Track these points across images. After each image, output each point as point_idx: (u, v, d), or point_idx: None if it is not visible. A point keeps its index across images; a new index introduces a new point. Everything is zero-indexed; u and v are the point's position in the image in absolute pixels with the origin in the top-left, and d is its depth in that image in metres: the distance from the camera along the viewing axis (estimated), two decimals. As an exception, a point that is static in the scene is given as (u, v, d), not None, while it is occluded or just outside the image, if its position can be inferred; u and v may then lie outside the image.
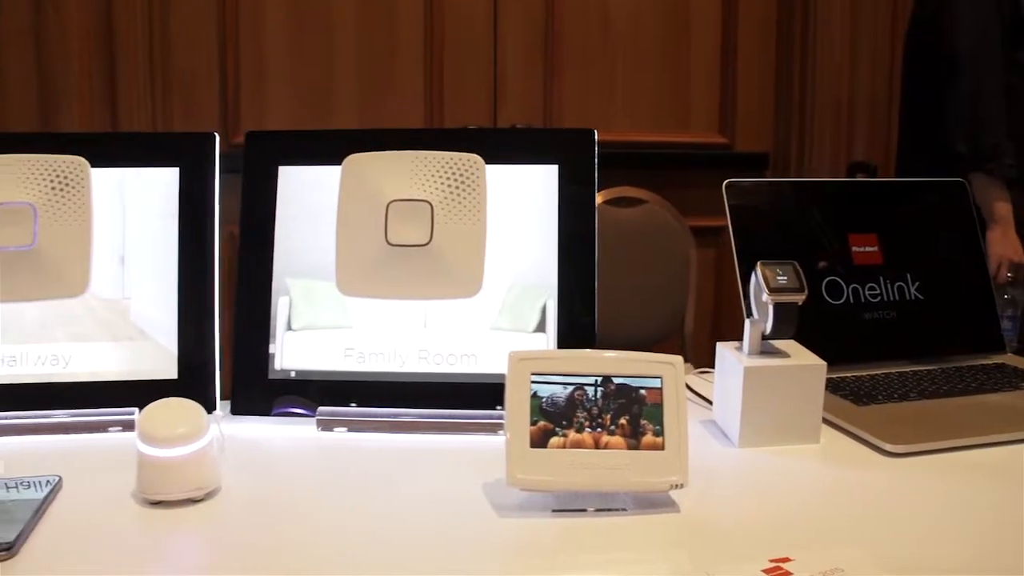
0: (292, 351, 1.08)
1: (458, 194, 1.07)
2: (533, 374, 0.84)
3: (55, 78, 2.35)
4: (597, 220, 1.08)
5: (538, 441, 0.83)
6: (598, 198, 1.09)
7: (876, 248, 1.29)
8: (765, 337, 1.02)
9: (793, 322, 1.00)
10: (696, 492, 0.86)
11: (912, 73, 2.03)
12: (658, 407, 0.85)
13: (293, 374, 1.08)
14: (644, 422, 0.84)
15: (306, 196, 1.11)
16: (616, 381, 0.85)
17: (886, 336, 1.26)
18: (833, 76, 2.54)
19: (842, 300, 1.26)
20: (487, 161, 1.08)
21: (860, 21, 2.52)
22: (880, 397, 1.12)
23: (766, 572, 0.73)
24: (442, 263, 1.06)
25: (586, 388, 0.85)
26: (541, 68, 2.52)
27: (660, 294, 2.21)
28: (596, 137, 1.10)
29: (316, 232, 1.09)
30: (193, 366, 1.08)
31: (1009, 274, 1.74)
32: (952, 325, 1.31)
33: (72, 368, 1.08)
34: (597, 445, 0.84)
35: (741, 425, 1.00)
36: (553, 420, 0.84)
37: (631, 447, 0.84)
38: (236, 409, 1.08)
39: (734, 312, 2.52)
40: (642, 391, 0.85)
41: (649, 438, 0.84)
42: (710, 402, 1.12)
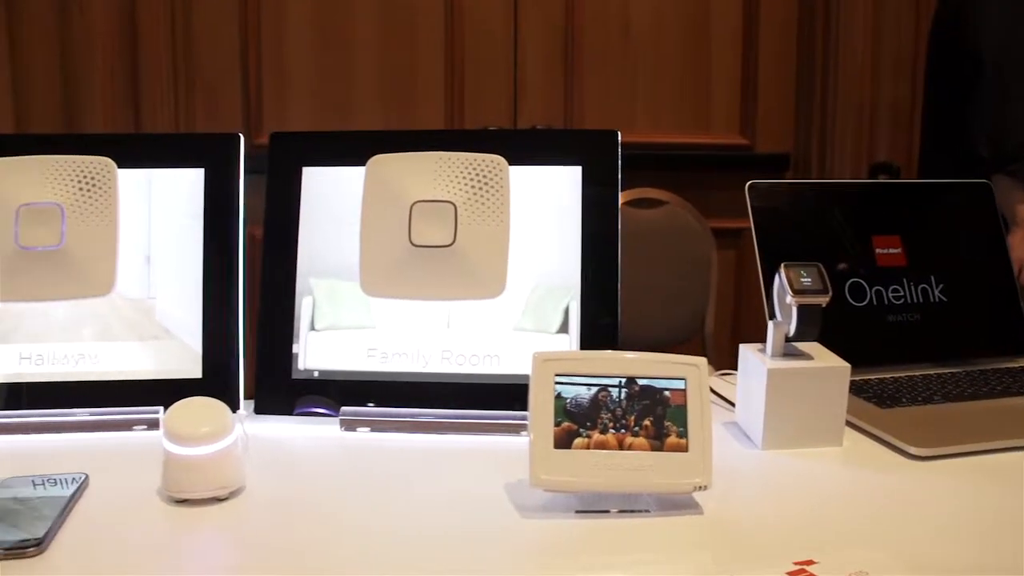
0: (315, 351, 1.09)
1: (482, 195, 1.07)
2: (557, 375, 0.84)
3: (79, 78, 2.37)
4: (620, 221, 1.08)
5: (562, 442, 0.83)
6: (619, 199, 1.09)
7: (900, 250, 1.29)
8: (788, 339, 1.02)
9: (817, 324, 1.00)
10: (719, 494, 0.86)
11: (935, 73, 2.01)
12: (682, 409, 0.85)
13: (316, 374, 1.09)
14: (668, 423, 0.84)
15: (330, 197, 1.11)
16: (640, 382, 0.85)
17: (910, 338, 1.26)
18: (855, 76, 2.53)
19: (865, 302, 1.25)
20: (510, 162, 1.08)
21: (883, 20, 2.50)
22: (904, 400, 1.12)
23: (790, 575, 0.73)
24: (465, 264, 1.06)
25: (610, 389, 0.85)
26: (561, 69, 2.52)
27: (680, 295, 2.20)
28: (619, 138, 1.10)
29: (339, 233, 1.10)
30: (217, 365, 1.09)
31: None
32: (977, 327, 1.31)
33: (98, 367, 1.08)
34: (621, 446, 0.84)
35: (764, 427, 1.00)
36: (577, 421, 0.84)
37: (655, 448, 0.84)
38: (260, 408, 1.09)
39: (754, 314, 2.52)
40: (666, 392, 0.85)
41: (673, 439, 0.84)
42: (732, 404, 1.12)
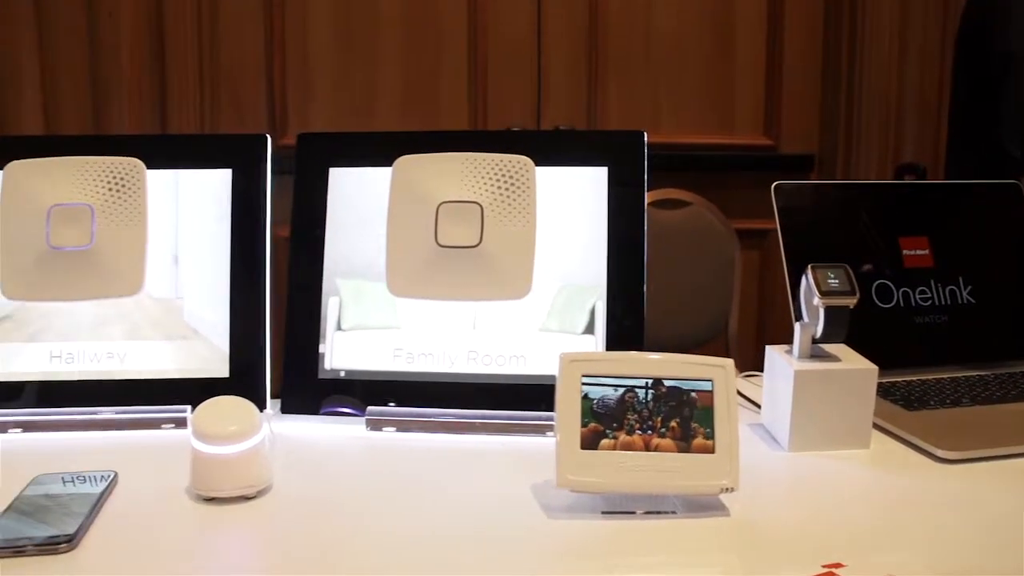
0: (342, 351, 1.09)
1: (508, 196, 1.07)
2: (584, 376, 0.84)
3: (107, 80, 2.39)
4: (647, 222, 1.08)
5: (588, 443, 0.83)
6: (643, 200, 1.09)
7: (927, 251, 1.28)
8: (815, 341, 1.01)
9: (844, 326, 0.99)
10: (746, 496, 0.86)
11: (963, 72, 2.00)
12: (709, 410, 0.85)
13: (343, 374, 1.09)
14: (695, 425, 0.84)
15: (356, 197, 1.12)
16: (667, 383, 0.85)
17: (937, 340, 1.25)
18: (881, 76, 2.51)
19: (892, 304, 1.24)
20: (537, 163, 1.08)
21: (909, 19, 2.48)
22: (932, 402, 1.11)
23: (819, 577, 0.73)
24: (492, 264, 1.07)
25: (637, 390, 0.84)
26: (585, 71, 2.52)
27: (704, 296, 2.20)
28: (646, 139, 1.10)
29: (366, 233, 1.10)
30: (244, 365, 1.09)
31: None
32: (1005, 329, 1.29)
33: (126, 366, 1.09)
34: (647, 447, 0.84)
35: (791, 429, 1.00)
36: (603, 422, 0.84)
37: (681, 450, 0.84)
38: (286, 408, 1.09)
39: (778, 315, 2.51)
40: (693, 394, 0.85)
41: (700, 441, 0.84)
42: (757, 405, 1.11)
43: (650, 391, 0.85)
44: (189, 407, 1.05)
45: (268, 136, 1.14)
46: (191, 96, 2.42)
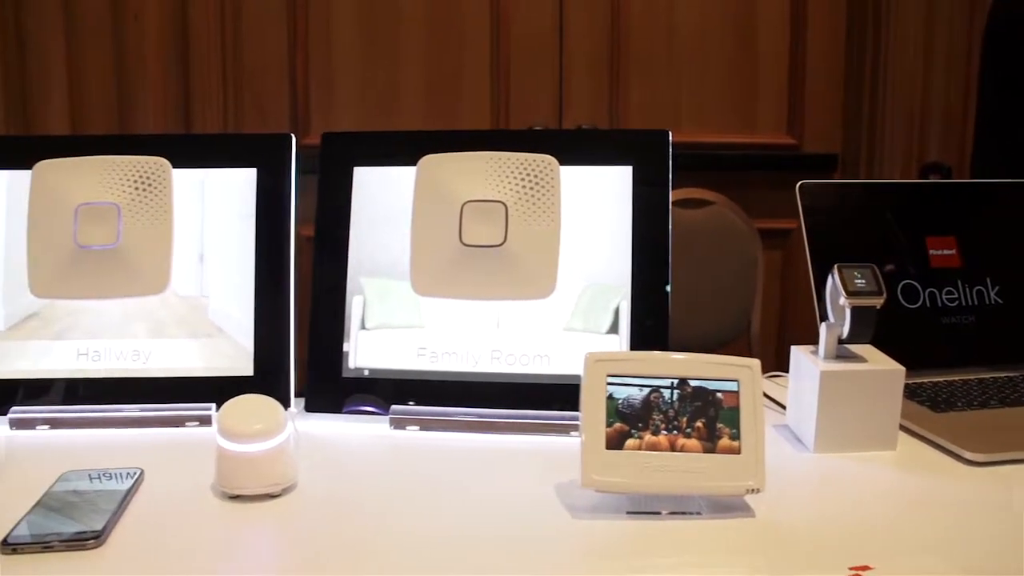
0: (366, 350, 1.10)
1: (532, 195, 1.07)
2: (609, 375, 0.84)
3: (132, 80, 2.40)
4: (672, 222, 1.08)
5: (614, 443, 0.83)
6: (666, 199, 1.09)
7: (954, 251, 1.26)
8: (842, 341, 1.01)
9: (871, 326, 0.99)
10: (771, 497, 0.85)
11: (990, 70, 1.98)
12: (735, 411, 0.84)
13: (366, 372, 1.09)
14: (720, 425, 0.84)
15: (381, 196, 1.12)
16: (692, 384, 0.84)
17: (964, 341, 1.24)
18: (906, 74, 2.49)
19: (918, 304, 1.23)
20: (561, 162, 1.08)
21: (936, 17, 2.46)
22: (959, 404, 1.10)
23: (846, 580, 0.72)
24: (516, 264, 1.07)
25: (662, 390, 0.84)
26: (607, 70, 2.51)
27: (726, 296, 2.19)
28: (671, 138, 1.09)
29: (390, 232, 1.11)
30: (269, 363, 1.10)
31: None
32: (1033, 331, 1.28)
33: (151, 364, 1.10)
34: (673, 448, 0.83)
35: (816, 430, 0.99)
36: (629, 422, 0.84)
37: (707, 450, 0.84)
38: (310, 406, 1.10)
39: (800, 315, 2.49)
40: (719, 394, 0.84)
41: (725, 442, 0.84)
42: (781, 406, 1.11)
43: (675, 391, 0.84)
44: (214, 405, 1.06)
45: (292, 136, 1.14)
46: (215, 97, 2.43)
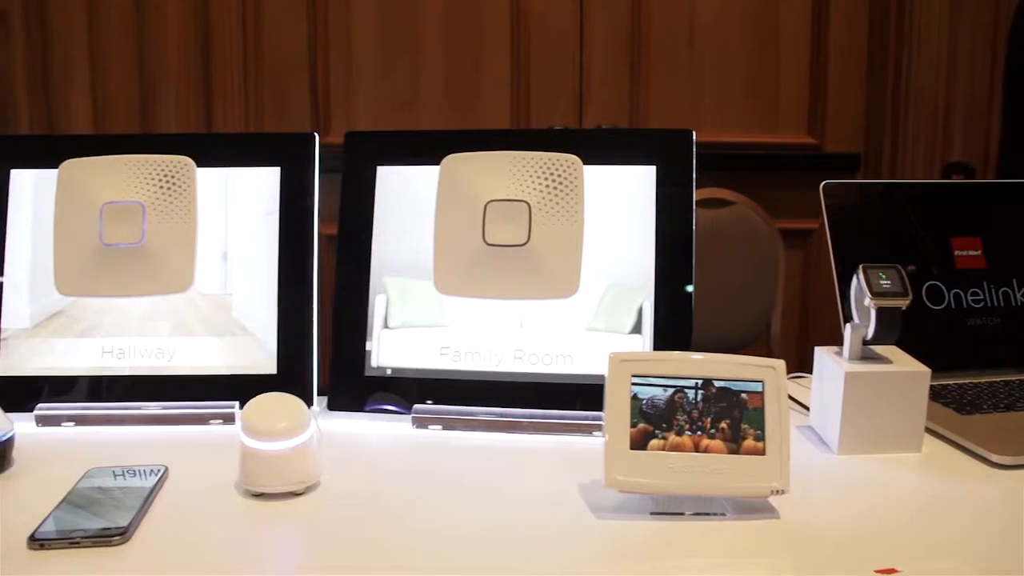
0: (388, 349, 1.10)
1: (556, 194, 1.07)
2: (633, 376, 0.84)
3: (155, 79, 2.42)
4: (696, 222, 1.08)
5: (638, 443, 0.83)
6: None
7: (980, 252, 1.25)
8: (867, 342, 1.00)
9: (896, 327, 0.98)
10: (795, 499, 0.85)
11: (1016, 69, 1.96)
12: (759, 411, 0.84)
13: (389, 371, 1.09)
14: (745, 426, 0.84)
15: (404, 195, 1.12)
16: (717, 384, 0.84)
17: (990, 343, 1.22)
18: (930, 72, 2.47)
19: (943, 305, 1.22)
20: (584, 162, 1.08)
21: (960, 14, 2.44)
22: (985, 406, 1.09)
23: (873, 582, 0.72)
24: (539, 263, 1.06)
25: (686, 391, 0.84)
26: (627, 69, 2.50)
27: (747, 297, 2.18)
28: (694, 138, 1.09)
29: (413, 231, 1.11)
30: (292, 362, 1.10)
31: None
32: (1061, 333, 1.27)
33: (175, 362, 1.11)
34: (697, 448, 0.83)
35: (841, 431, 0.99)
36: (653, 422, 0.83)
37: (731, 451, 0.83)
38: (333, 405, 1.10)
39: (821, 316, 2.48)
40: (743, 395, 0.84)
41: (750, 442, 0.83)
42: (803, 407, 1.10)
43: (700, 392, 0.84)
44: (237, 403, 1.06)
45: (316, 135, 1.15)
46: (236, 95, 2.44)
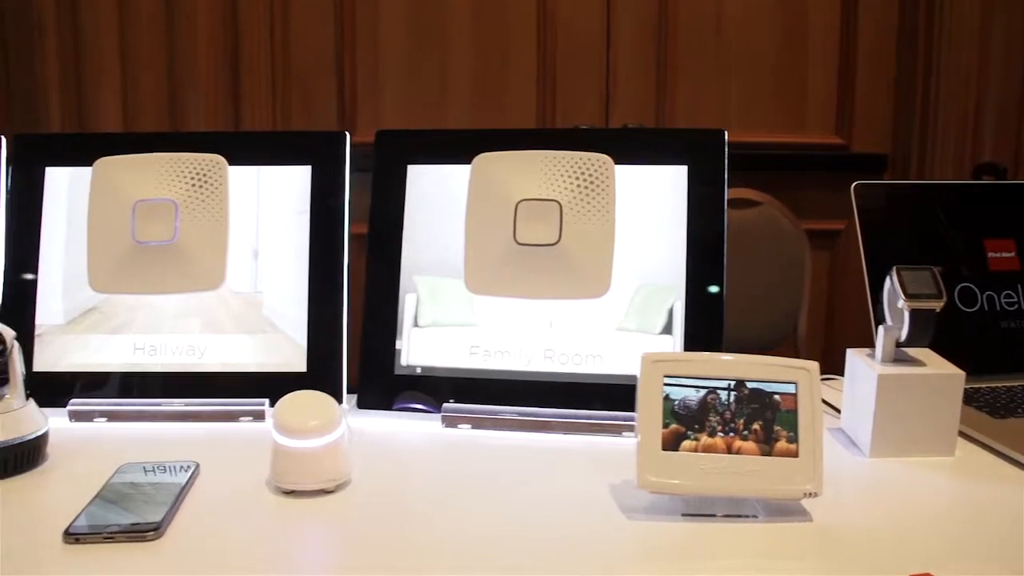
0: (418, 347, 1.10)
1: (587, 194, 1.07)
2: (665, 376, 0.84)
3: (184, 80, 2.43)
4: (727, 222, 1.07)
5: (670, 444, 0.83)
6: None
7: (1013, 254, 1.24)
8: (900, 344, 0.99)
9: (930, 330, 0.97)
10: (827, 501, 0.84)
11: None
12: (792, 413, 0.83)
13: (419, 370, 1.10)
14: (778, 428, 0.83)
15: (434, 194, 1.12)
16: (750, 385, 0.84)
17: (1024, 346, 1.21)
18: (960, 72, 2.44)
19: (976, 307, 1.21)
20: (616, 161, 1.07)
21: (992, 12, 2.41)
22: (1019, 410, 1.08)
23: (908, 587, 0.71)
24: (570, 263, 1.06)
25: (719, 392, 0.83)
26: (654, 68, 2.50)
27: (773, 298, 2.16)
28: (727, 138, 1.08)
29: (443, 230, 1.11)
30: (322, 360, 1.10)
31: None
32: (1096, 336, 1.25)
33: (206, 359, 1.11)
34: (729, 450, 0.83)
35: (873, 434, 0.98)
36: (685, 423, 0.83)
37: (764, 453, 0.83)
38: (362, 403, 1.10)
39: (847, 317, 2.46)
40: (776, 396, 0.84)
41: (782, 444, 0.83)
42: (834, 408, 1.09)
43: (732, 393, 0.84)
44: (267, 401, 1.07)
45: (347, 133, 1.15)
46: (263, 96, 2.45)
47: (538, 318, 1.09)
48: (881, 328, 1.01)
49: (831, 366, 1.09)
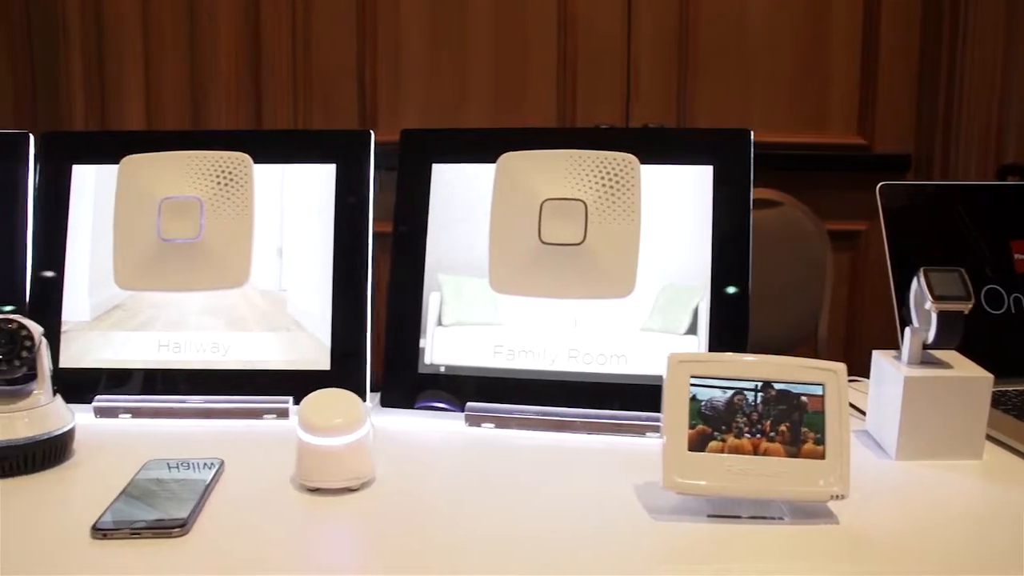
0: (442, 346, 1.10)
1: (612, 194, 1.07)
2: (692, 377, 0.83)
3: (206, 80, 2.45)
4: (752, 222, 1.07)
5: (696, 445, 0.82)
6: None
7: (1041, 256, 1.23)
8: (927, 347, 0.98)
9: (958, 332, 0.96)
10: (854, 504, 0.84)
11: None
12: (819, 415, 0.83)
13: (443, 369, 1.10)
14: (805, 430, 0.83)
15: (459, 193, 1.12)
16: (777, 387, 0.83)
17: (1052, 349, 1.20)
18: (985, 72, 2.42)
19: (1003, 310, 1.20)
20: (641, 161, 1.07)
21: (1018, 13, 2.39)
22: (1047, 413, 1.07)
23: (938, 590, 0.70)
24: (595, 263, 1.06)
25: (746, 393, 0.83)
26: (675, 68, 2.49)
27: (794, 299, 2.15)
28: (752, 137, 1.08)
29: (468, 229, 1.11)
30: (346, 358, 1.11)
31: None
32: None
33: (230, 356, 1.12)
34: (756, 451, 0.82)
35: (899, 437, 0.97)
36: (712, 424, 0.83)
37: (791, 455, 0.82)
38: (386, 402, 1.10)
39: (869, 318, 2.45)
40: (803, 398, 0.83)
41: (809, 446, 0.82)
42: (859, 411, 1.09)
43: (759, 394, 0.83)
44: (291, 398, 1.07)
45: (372, 132, 1.15)
46: (285, 97, 2.46)
47: (562, 318, 1.08)
48: (908, 330, 1.00)
49: (853, 368, 1.08)
